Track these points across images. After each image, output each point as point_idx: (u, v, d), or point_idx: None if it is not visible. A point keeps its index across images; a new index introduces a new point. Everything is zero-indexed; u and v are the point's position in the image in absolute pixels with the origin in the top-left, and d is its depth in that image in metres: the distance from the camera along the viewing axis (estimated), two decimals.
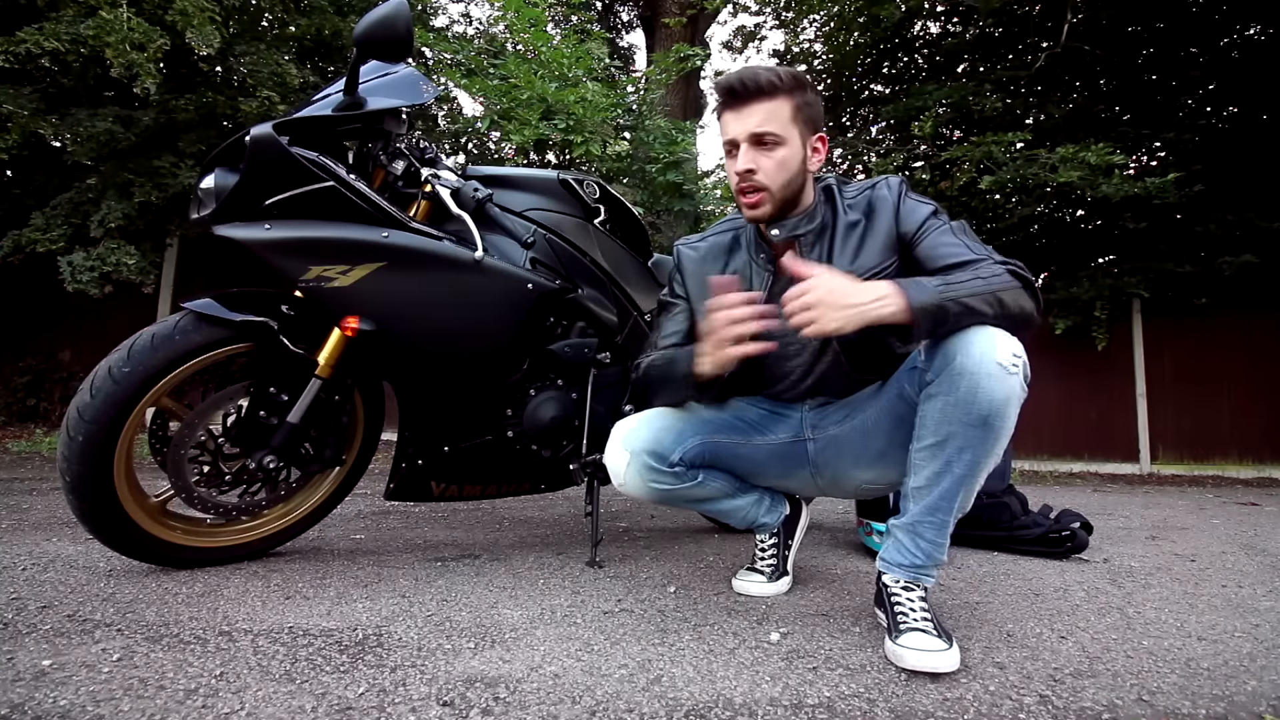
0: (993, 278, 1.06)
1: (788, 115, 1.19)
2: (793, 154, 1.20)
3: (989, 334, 1.02)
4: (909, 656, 0.98)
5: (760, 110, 1.17)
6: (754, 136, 1.18)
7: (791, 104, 1.19)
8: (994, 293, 1.04)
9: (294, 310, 1.45)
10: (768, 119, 1.17)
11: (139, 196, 4.20)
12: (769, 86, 1.17)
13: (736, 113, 1.19)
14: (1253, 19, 6.07)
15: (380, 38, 1.38)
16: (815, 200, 1.27)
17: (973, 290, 1.03)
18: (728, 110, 1.21)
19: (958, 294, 1.03)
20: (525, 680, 0.93)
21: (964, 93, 6.09)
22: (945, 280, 1.05)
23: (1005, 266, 1.08)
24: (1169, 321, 5.68)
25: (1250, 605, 1.42)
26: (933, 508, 1.08)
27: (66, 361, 5.26)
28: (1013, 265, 1.09)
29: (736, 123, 1.19)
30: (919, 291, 1.02)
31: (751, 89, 1.17)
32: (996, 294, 1.04)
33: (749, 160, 1.18)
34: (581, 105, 4.51)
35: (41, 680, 0.88)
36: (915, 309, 1.00)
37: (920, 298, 1.01)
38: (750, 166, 1.18)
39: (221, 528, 1.49)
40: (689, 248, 1.43)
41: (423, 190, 1.55)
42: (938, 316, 1.01)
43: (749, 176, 1.19)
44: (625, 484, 1.30)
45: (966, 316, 1.03)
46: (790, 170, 1.20)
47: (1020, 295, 1.06)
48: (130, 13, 3.62)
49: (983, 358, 1.00)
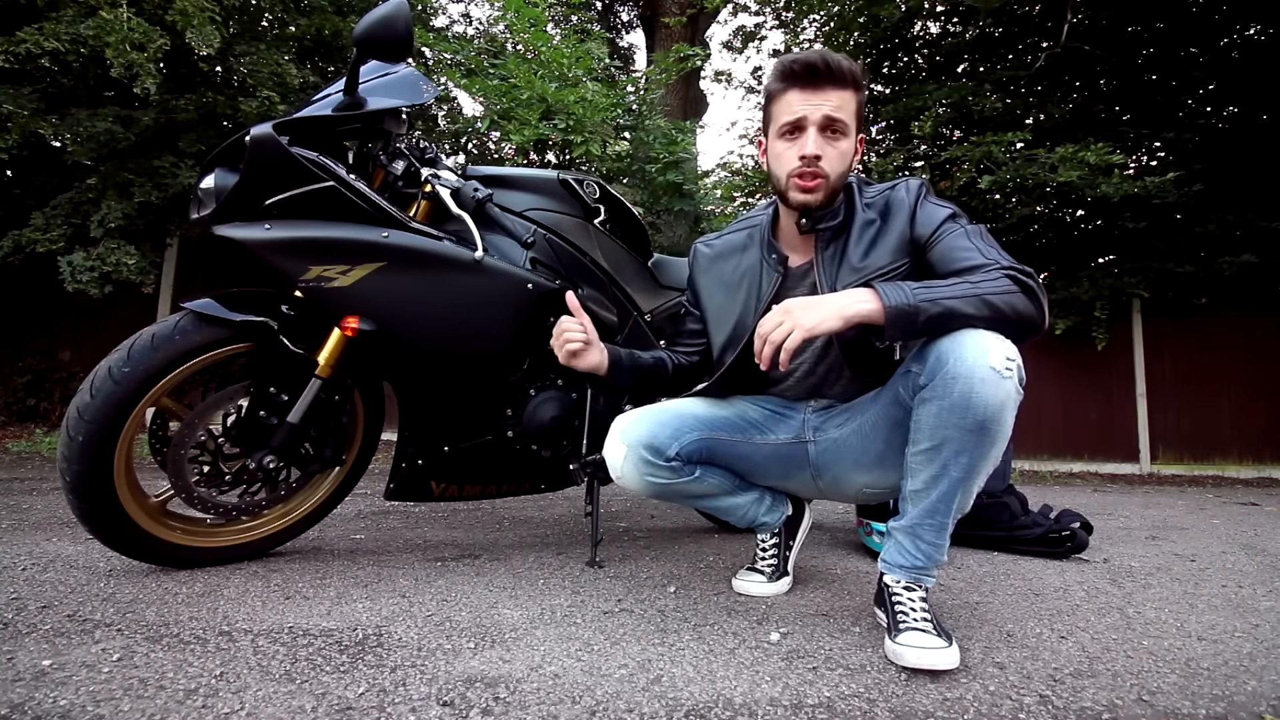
0: (983, 282, 1.05)
1: (854, 109, 1.19)
2: (850, 148, 1.21)
3: (981, 337, 1.01)
4: (909, 655, 0.98)
5: (836, 97, 1.17)
6: (827, 121, 1.17)
7: (858, 99, 1.20)
8: (981, 296, 1.03)
9: (294, 310, 1.45)
10: (841, 107, 1.17)
11: (139, 196, 4.20)
12: (850, 76, 1.17)
13: (810, 94, 1.17)
14: (1253, 19, 6.07)
15: (380, 38, 1.38)
16: (841, 197, 1.27)
17: (957, 293, 1.03)
18: (797, 89, 1.18)
19: (936, 296, 1.02)
20: (525, 680, 0.93)
21: (964, 93, 6.09)
22: (925, 283, 1.05)
23: (1005, 271, 1.07)
24: (1169, 321, 5.68)
25: (1250, 605, 1.42)
26: (931, 510, 1.08)
27: (66, 361, 5.26)
28: (1014, 270, 1.07)
29: (809, 104, 1.17)
30: (893, 292, 1.02)
31: (835, 73, 1.16)
32: (984, 297, 1.03)
33: (818, 145, 1.18)
34: (581, 105, 4.51)
35: (41, 680, 0.88)
36: (888, 309, 1.01)
37: (893, 298, 1.01)
38: (818, 152, 1.18)
39: (221, 528, 1.49)
40: (705, 245, 1.45)
41: (423, 190, 1.55)
42: (909, 317, 1.01)
43: (815, 161, 1.18)
44: (622, 477, 1.31)
45: (950, 319, 1.02)
46: (847, 163, 1.21)
47: (1016, 299, 1.04)
48: (130, 13, 3.61)
49: (975, 362, 0.99)
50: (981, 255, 1.12)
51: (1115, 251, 6.09)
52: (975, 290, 1.04)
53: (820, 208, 1.23)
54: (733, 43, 9.32)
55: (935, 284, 1.05)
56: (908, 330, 1.03)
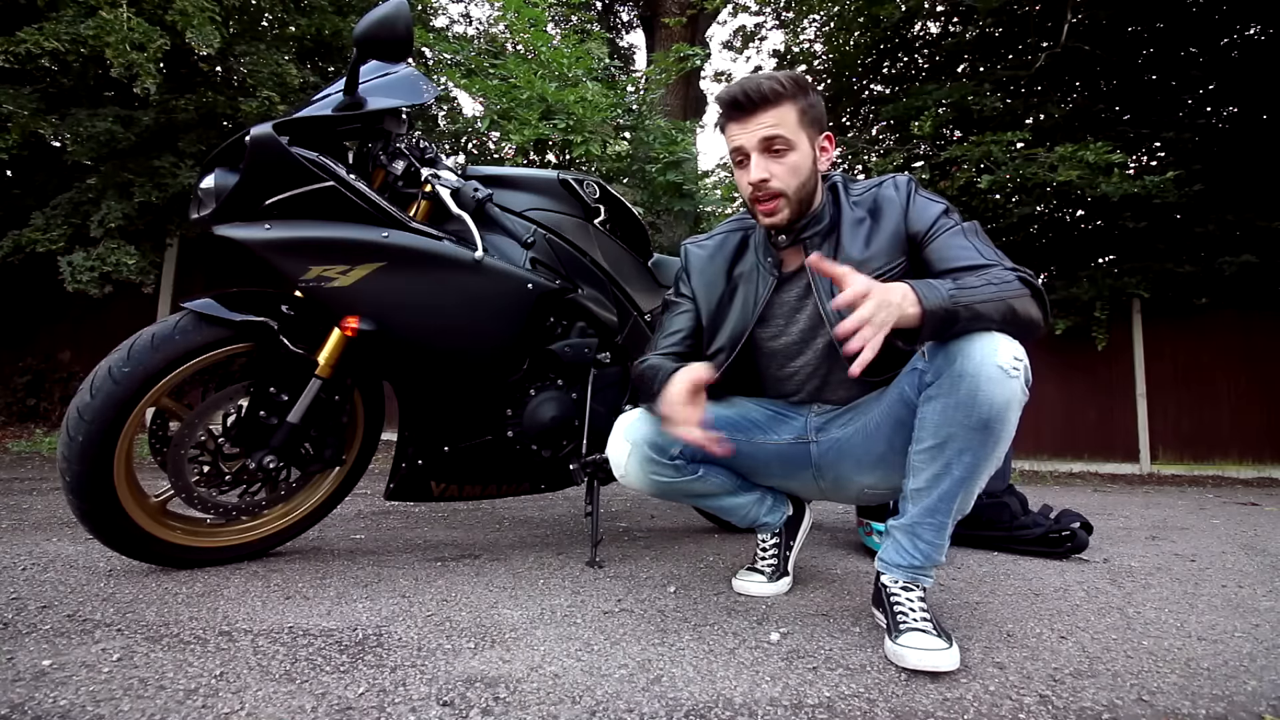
0: (1004, 285, 1.05)
1: (794, 120, 1.19)
2: (803, 157, 1.20)
3: (991, 337, 1.02)
4: (910, 656, 0.98)
5: (767, 118, 1.17)
6: (764, 144, 1.18)
7: (796, 108, 1.19)
8: (1005, 300, 1.03)
9: (294, 310, 1.45)
10: (775, 126, 1.17)
11: (139, 196, 4.20)
12: (772, 94, 1.17)
13: (743, 124, 1.19)
14: (1253, 19, 6.07)
15: (380, 38, 1.38)
16: (823, 200, 1.27)
17: (985, 297, 1.03)
18: (733, 122, 1.21)
19: (970, 300, 1.02)
20: (525, 680, 0.93)
21: (964, 93, 6.09)
22: (958, 285, 1.03)
23: (1016, 274, 1.08)
24: (1169, 321, 5.68)
25: (1250, 605, 1.42)
26: (931, 509, 1.08)
27: (66, 361, 5.26)
28: (1023, 273, 1.08)
29: (744, 133, 1.19)
30: (931, 293, 1.00)
31: (755, 99, 1.17)
32: (1008, 301, 1.04)
33: (762, 169, 1.18)
34: (581, 105, 4.51)
35: (41, 680, 0.88)
36: (927, 311, 0.99)
37: (932, 299, 0.99)
38: (764, 175, 1.18)
39: (221, 528, 1.49)
40: (697, 246, 1.43)
41: (423, 190, 1.55)
42: (947, 320, 1.00)
43: (763, 185, 1.19)
44: (626, 475, 1.30)
45: (975, 322, 1.02)
46: (803, 173, 1.21)
47: (1029, 303, 1.06)
48: (130, 13, 3.62)
49: (984, 360, 1.00)
50: (980, 255, 1.13)
51: (1115, 251, 6.09)
52: (1000, 294, 1.04)
53: (792, 221, 1.23)
54: (733, 43, 9.33)
55: (965, 286, 1.03)
56: (942, 332, 1.02)
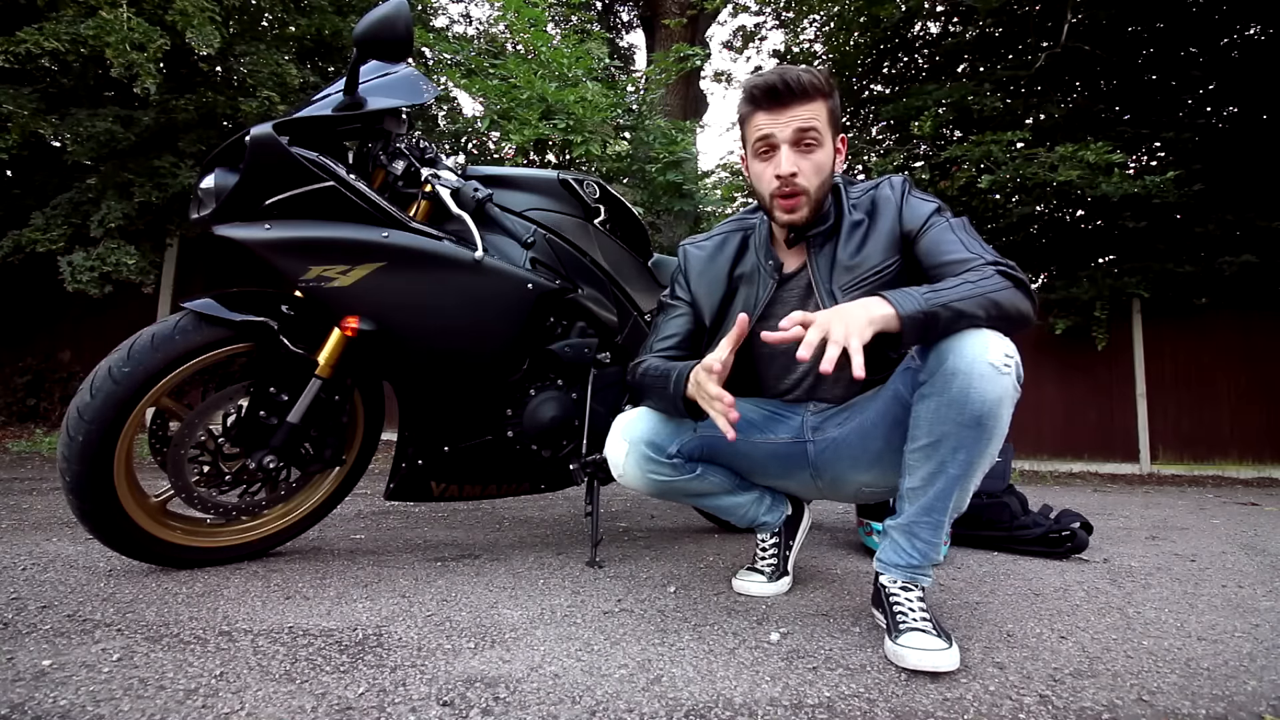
0: (982, 280, 1.05)
1: (825, 117, 1.19)
2: (827, 157, 1.21)
3: (981, 335, 1.02)
4: (910, 656, 0.98)
5: (803, 111, 1.17)
6: (797, 136, 1.18)
7: (828, 106, 1.19)
8: (986, 295, 1.04)
9: (294, 310, 1.45)
10: (812, 119, 1.17)
11: (139, 196, 4.20)
12: (811, 88, 1.17)
13: (775, 113, 1.18)
14: (1253, 19, 6.07)
15: (380, 38, 1.38)
16: (829, 201, 1.27)
17: (963, 295, 1.03)
18: (763, 111, 1.20)
19: (948, 299, 1.02)
20: (525, 680, 0.93)
21: (964, 93, 6.09)
22: (932, 288, 1.04)
23: (996, 267, 1.08)
24: (1169, 321, 5.68)
25: (1250, 605, 1.42)
26: (928, 508, 1.08)
27: (66, 361, 5.26)
28: (1004, 265, 1.09)
29: (775, 123, 1.18)
30: (905, 299, 1.01)
31: (796, 89, 1.17)
32: (989, 296, 1.04)
33: (791, 162, 1.18)
34: (581, 105, 4.51)
35: (41, 680, 0.88)
36: (903, 316, 1.00)
37: (907, 305, 1.00)
38: (794, 169, 1.18)
39: (221, 528, 1.49)
40: (696, 247, 1.43)
41: (423, 190, 1.55)
42: (927, 323, 1.01)
43: (792, 180, 1.18)
44: (624, 474, 1.31)
45: (959, 320, 1.02)
46: (825, 173, 1.21)
47: (1013, 296, 1.06)
48: (130, 13, 3.62)
49: (975, 358, 1.00)
50: (966, 250, 1.13)
51: (1115, 251, 6.09)
52: (978, 290, 1.04)
53: (810, 221, 1.24)
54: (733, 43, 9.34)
55: (940, 288, 1.04)
56: (924, 336, 1.03)
